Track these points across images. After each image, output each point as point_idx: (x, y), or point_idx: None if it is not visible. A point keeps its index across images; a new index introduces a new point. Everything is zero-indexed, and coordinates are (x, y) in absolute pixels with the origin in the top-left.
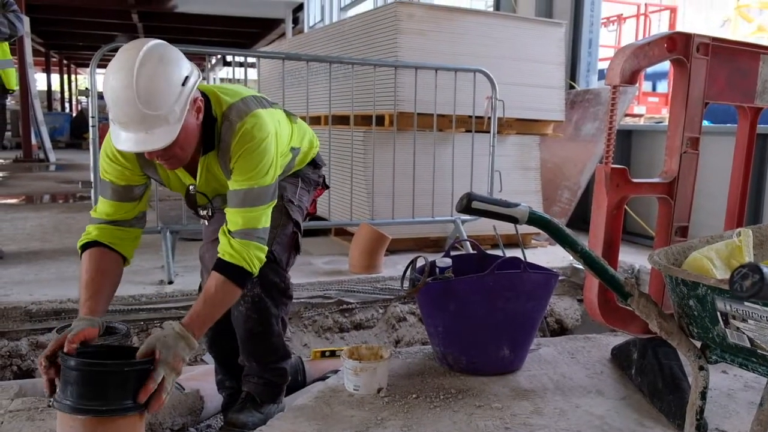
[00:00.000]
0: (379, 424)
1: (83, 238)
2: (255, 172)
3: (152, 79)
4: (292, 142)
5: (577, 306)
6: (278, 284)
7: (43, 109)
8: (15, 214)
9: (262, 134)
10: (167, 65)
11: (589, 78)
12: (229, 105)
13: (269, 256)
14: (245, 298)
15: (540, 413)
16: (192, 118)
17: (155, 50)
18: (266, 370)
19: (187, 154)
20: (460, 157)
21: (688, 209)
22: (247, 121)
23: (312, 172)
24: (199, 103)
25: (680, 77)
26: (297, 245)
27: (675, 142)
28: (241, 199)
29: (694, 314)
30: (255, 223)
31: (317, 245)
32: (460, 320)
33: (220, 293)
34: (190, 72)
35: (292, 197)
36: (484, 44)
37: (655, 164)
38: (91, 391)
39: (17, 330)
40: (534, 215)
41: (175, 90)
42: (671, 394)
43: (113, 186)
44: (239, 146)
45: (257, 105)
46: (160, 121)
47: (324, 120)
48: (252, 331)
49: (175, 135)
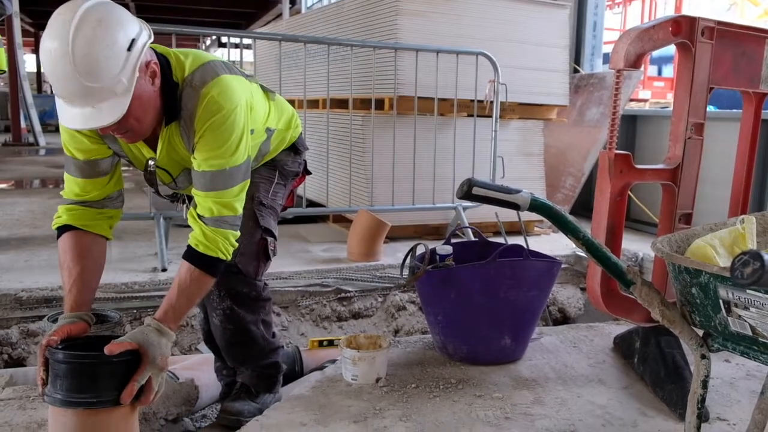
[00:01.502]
0: (378, 414)
1: (55, 222)
2: (222, 149)
3: (91, 47)
4: (268, 121)
5: (579, 294)
6: (248, 294)
7: (32, 92)
8: (4, 200)
9: (229, 104)
10: (108, 28)
11: (594, 61)
12: (192, 69)
13: (234, 269)
14: (217, 311)
15: (541, 403)
16: (146, 85)
17: (93, 12)
18: (257, 368)
19: (145, 126)
20: (461, 142)
21: (692, 196)
22: (212, 86)
23: (291, 160)
24: (153, 67)
25: (685, 62)
26: (267, 252)
27: (679, 128)
28: (209, 181)
29: (696, 302)
30: (229, 210)
31: (315, 232)
32: (461, 309)
33: (194, 284)
34: (138, 33)
35: (264, 198)
36: (487, 26)
37: (661, 150)
38: (81, 384)
39: (7, 318)
40: (536, 202)
41: (119, 57)
42: (673, 383)
43: (76, 161)
44: (204, 118)
45: (225, 70)
46: (105, 93)
47: (322, 103)
48: (231, 341)
49: (124, 108)
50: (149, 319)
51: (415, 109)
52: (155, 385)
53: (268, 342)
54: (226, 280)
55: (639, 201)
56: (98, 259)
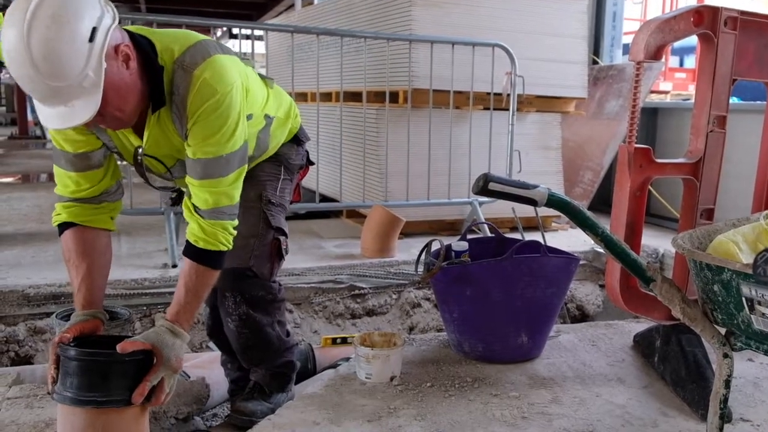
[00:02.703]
0: (392, 414)
1: (55, 219)
2: (218, 136)
3: (49, 46)
4: (266, 107)
5: (598, 292)
6: (264, 297)
7: None
8: (11, 194)
9: (223, 86)
10: (64, 23)
11: (613, 53)
12: (183, 50)
13: (248, 273)
14: (232, 316)
15: (559, 402)
16: (120, 71)
17: (46, 6)
18: (271, 367)
19: (128, 114)
20: (477, 136)
21: (714, 191)
22: (206, 68)
23: (295, 153)
24: (124, 50)
25: (707, 53)
26: (280, 252)
27: (701, 121)
28: (203, 168)
29: (718, 300)
30: (226, 200)
31: (328, 228)
32: (477, 306)
33: (200, 280)
34: (99, 18)
35: (272, 196)
36: (503, 17)
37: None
38: (92, 382)
39: (14, 315)
40: (553, 197)
41: (80, 51)
42: (694, 383)
43: (66, 154)
44: (197, 103)
45: (217, 49)
46: (75, 90)
47: (335, 96)
48: (247, 344)
49: (97, 103)
50: (162, 320)
51: (430, 102)
52: (167, 386)
53: (283, 342)
54: (241, 285)
55: (659, 196)
56: (105, 254)
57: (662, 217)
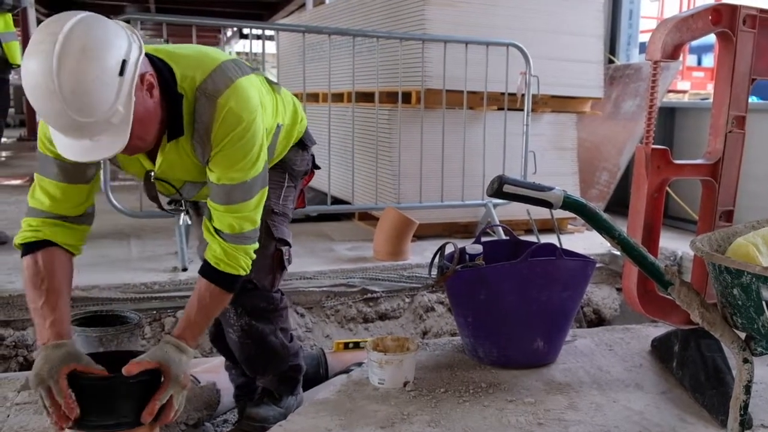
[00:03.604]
0: (405, 420)
1: (26, 236)
2: (243, 163)
3: (79, 82)
4: (277, 117)
5: (615, 295)
6: (266, 308)
7: None
8: (19, 197)
9: (248, 114)
10: (94, 57)
11: (630, 52)
12: (204, 78)
13: (249, 285)
14: (234, 327)
15: (575, 408)
16: (145, 101)
17: (75, 38)
18: (278, 374)
19: (148, 143)
20: (491, 137)
21: (734, 192)
22: (230, 96)
23: (300, 159)
24: (149, 79)
25: (725, 52)
26: (282, 263)
27: (719, 121)
28: (228, 194)
29: (738, 304)
30: (249, 225)
31: (340, 230)
32: (492, 310)
33: (214, 302)
34: (128, 50)
35: (275, 206)
36: (518, 16)
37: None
38: (98, 407)
39: (23, 319)
40: (569, 200)
41: (111, 86)
42: (714, 388)
43: (59, 161)
44: (223, 133)
45: (237, 72)
46: (102, 126)
47: (347, 97)
48: (251, 354)
49: (125, 140)
50: (168, 337)
51: (443, 102)
52: (176, 403)
53: (287, 348)
54: (242, 297)
55: (677, 197)
56: (71, 279)
57: (680, 219)
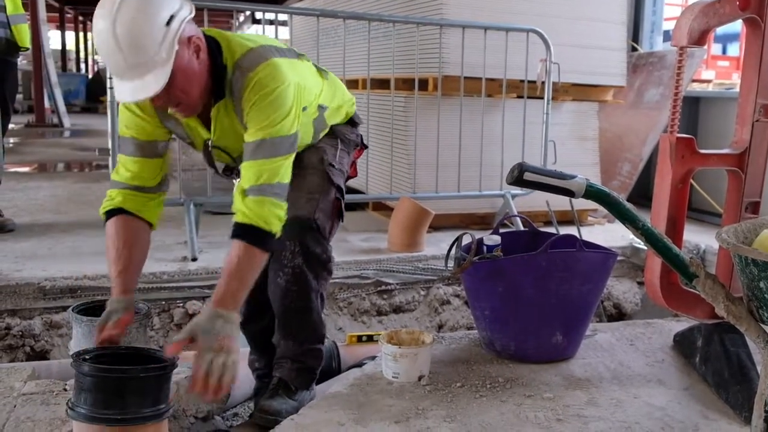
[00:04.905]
0: (420, 415)
1: (106, 205)
2: (268, 121)
3: (132, 25)
4: (320, 98)
5: (636, 289)
6: (320, 255)
7: (57, 70)
8: (27, 183)
9: (274, 82)
10: (148, 8)
11: (654, 39)
12: (243, 53)
13: (312, 224)
14: (285, 269)
15: (595, 404)
16: (190, 58)
17: None
18: (302, 352)
19: (194, 99)
20: (510, 126)
21: (760, 183)
22: (260, 70)
23: (350, 131)
24: (197, 42)
25: (753, 38)
26: (340, 212)
27: (746, 110)
28: (253, 149)
29: (765, 297)
30: (271, 177)
31: (354, 220)
32: (509, 303)
33: (243, 261)
34: (178, 9)
35: (332, 160)
36: (539, 1)
37: (725, 134)
38: (107, 399)
39: (30, 308)
40: (592, 188)
41: (158, 33)
42: (738, 384)
43: (135, 141)
44: (250, 97)
45: (276, 53)
46: (148, 66)
47: (362, 83)
48: (291, 305)
49: (165, 78)
50: (204, 307)
51: (461, 89)
52: (216, 369)
53: (320, 321)
54: (302, 234)
55: (702, 189)
56: (145, 248)
57: (703, 211)
